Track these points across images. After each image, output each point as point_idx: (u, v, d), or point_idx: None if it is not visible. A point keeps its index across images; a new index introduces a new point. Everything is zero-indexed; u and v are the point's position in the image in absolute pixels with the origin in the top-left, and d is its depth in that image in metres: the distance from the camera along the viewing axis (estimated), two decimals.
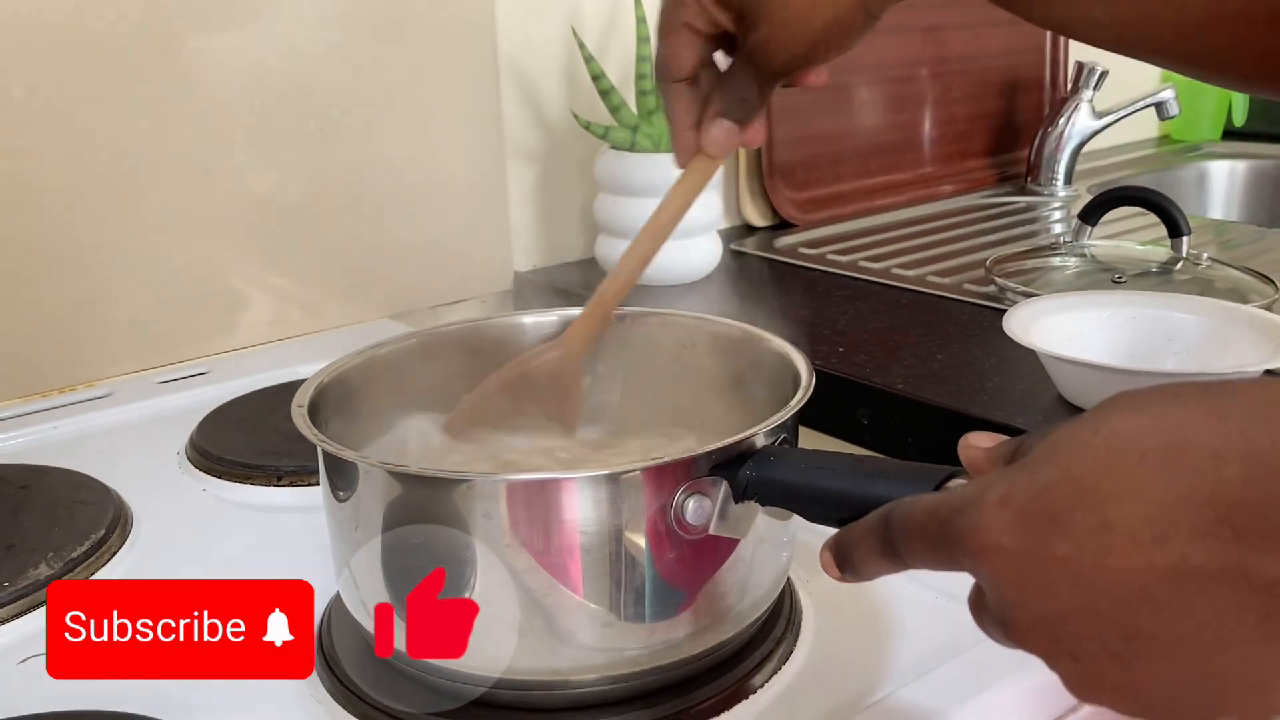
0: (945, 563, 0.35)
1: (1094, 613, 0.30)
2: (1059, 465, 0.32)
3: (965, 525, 0.33)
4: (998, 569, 0.32)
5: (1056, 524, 0.31)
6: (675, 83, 0.55)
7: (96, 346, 0.88)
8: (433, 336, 0.62)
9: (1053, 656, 0.32)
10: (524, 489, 0.45)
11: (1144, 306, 0.78)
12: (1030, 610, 0.32)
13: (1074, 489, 0.31)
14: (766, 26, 0.51)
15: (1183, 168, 1.57)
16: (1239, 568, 0.28)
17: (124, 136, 0.86)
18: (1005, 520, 0.32)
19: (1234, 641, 0.29)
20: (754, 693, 0.50)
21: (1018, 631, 0.33)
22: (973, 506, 0.33)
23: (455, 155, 1.02)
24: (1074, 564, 0.30)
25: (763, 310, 1.01)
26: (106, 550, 0.63)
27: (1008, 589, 0.32)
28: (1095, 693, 0.32)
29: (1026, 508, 0.31)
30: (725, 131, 0.54)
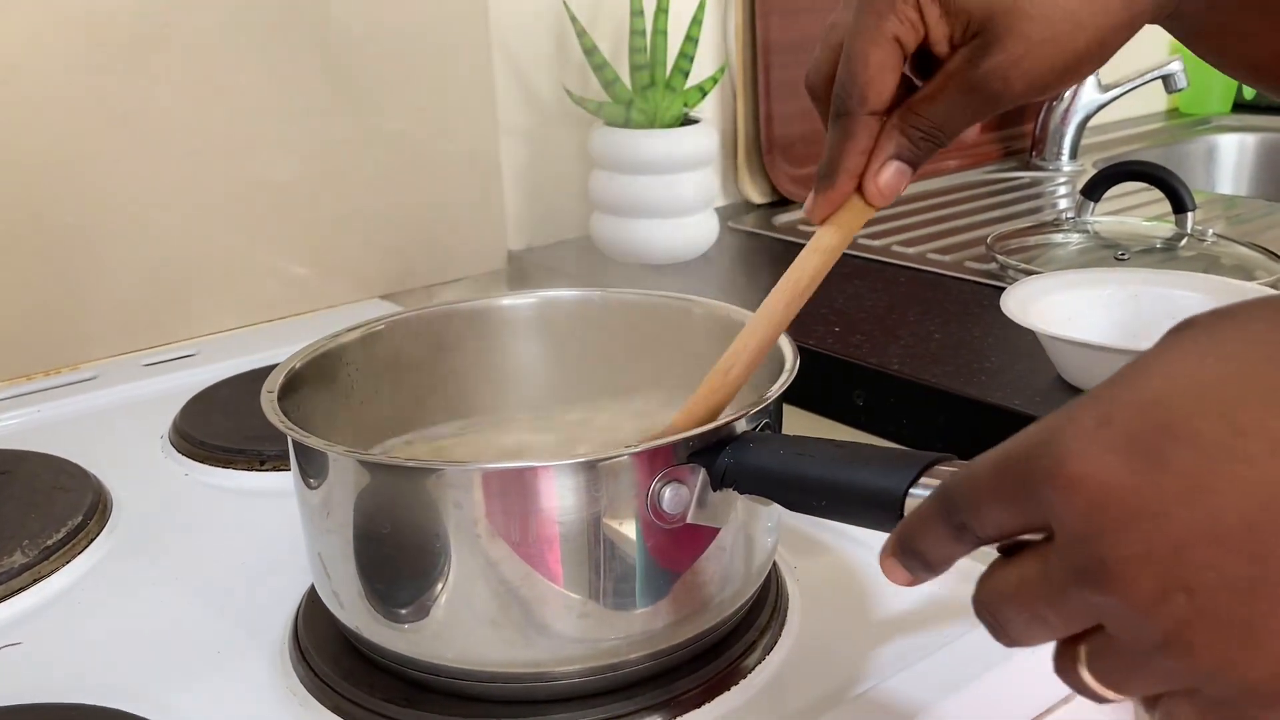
0: (1027, 512, 0.30)
1: (1219, 533, 0.26)
2: (1165, 376, 0.28)
3: (1056, 454, 0.28)
4: (1098, 496, 0.28)
5: (1174, 435, 0.27)
6: (866, 115, 0.44)
7: (82, 328, 0.87)
8: (409, 318, 0.60)
9: (1159, 597, 0.27)
10: (496, 477, 0.44)
11: (1146, 284, 0.76)
12: (1137, 541, 0.27)
13: (1190, 397, 0.27)
14: (1017, 46, 0.41)
15: (1191, 141, 1.55)
16: None
17: (108, 115, 0.84)
18: (1108, 439, 0.28)
19: None
20: (738, 682, 0.49)
21: (1113, 568, 0.28)
22: (1062, 434, 0.29)
23: (447, 133, 1.01)
24: (1198, 477, 0.27)
25: (759, 289, 0.99)
26: (84, 537, 0.62)
27: (1108, 520, 0.28)
28: (1206, 638, 0.27)
29: (1133, 424, 0.27)
30: (899, 177, 0.45)
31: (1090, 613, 0.29)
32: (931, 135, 0.45)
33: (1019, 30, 0.41)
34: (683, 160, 1.00)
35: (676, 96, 1.01)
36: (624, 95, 1.00)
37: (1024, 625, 0.31)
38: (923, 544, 0.34)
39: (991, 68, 0.42)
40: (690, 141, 1.00)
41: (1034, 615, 0.31)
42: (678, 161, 0.99)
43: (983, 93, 0.43)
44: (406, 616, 0.46)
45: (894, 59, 0.44)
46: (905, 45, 0.43)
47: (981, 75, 0.43)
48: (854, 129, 0.45)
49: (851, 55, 0.44)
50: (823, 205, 0.47)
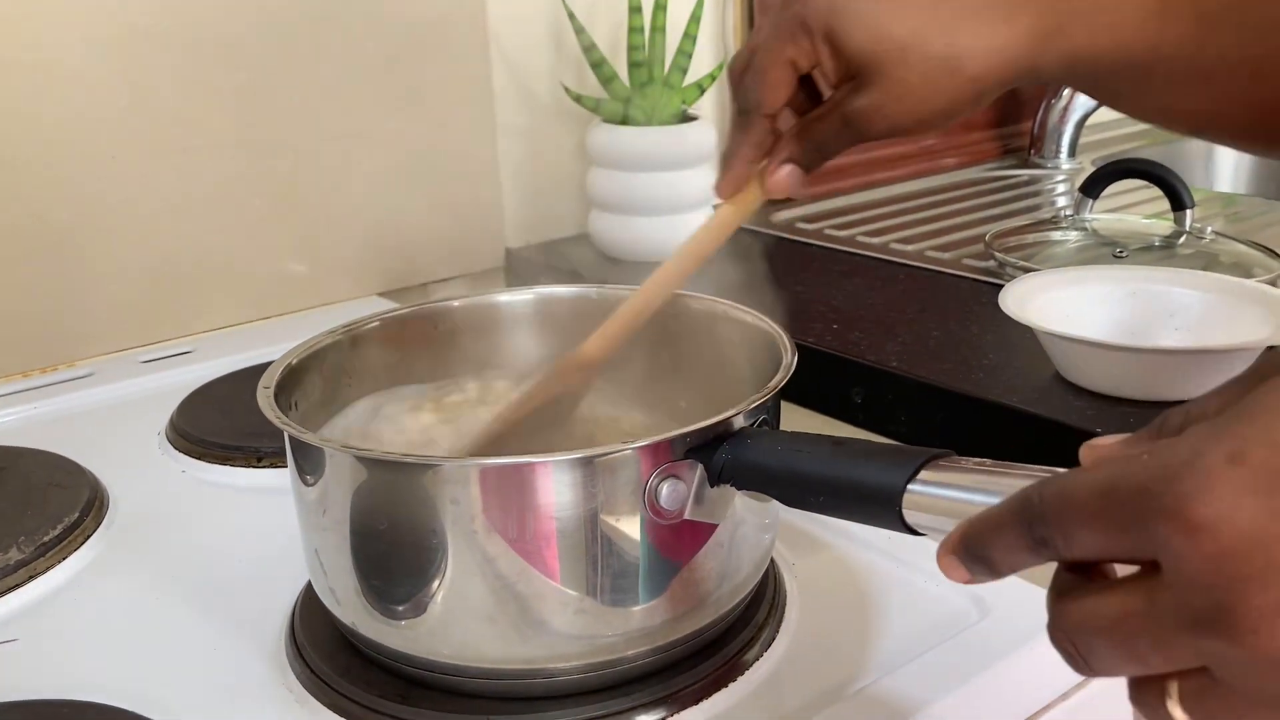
0: (1132, 545, 0.29)
1: None
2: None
3: (1181, 492, 0.27)
4: (1231, 542, 0.26)
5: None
6: (761, 116, 0.52)
7: (79, 326, 0.87)
8: (406, 315, 0.60)
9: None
10: (494, 473, 0.44)
11: (1144, 282, 0.76)
12: (1274, 591, 0.26)
13: None
14: (880, 94, 0.49)
15: (1190, 140, 1.55)
16: None
17: (103, 113, 0.84)
18: (1242, 481, 0.26)
19: None
20: (736, 679, 0.49)
21: (1243, 619, 0.26)
22: (1189, 470, 0.27)
23: (445, 130, 1.00)
24: None
25: (757, 286, 0.99)
26: (80, 533, 0.62)
27: (1242, 565, 0.26)
28: None
29: (1269, 463, 0.26)
30: (793, 178, 0.53)
31: (1202, 658, 0.28)
32: (818, 149, 0.52)
33: (882, 84, 0.49)
34: (681, 157, 0.99)
35: (674, 94, 1.01)
36: (622, 92, 1.00)
37: (1115, 660, 0.30)
38: (993, 549, 0.33)
39: (860, 106, 0.50)
40: (688, 139, 1.00)
41: (1131, 652, 0.29)
42: (676, 159, 0.99)
43: (853, 125, 0.51)
44: (403, 613, 0.46)
45: (788, 76, 0.51)
46: (799, 68, 0.51)
47: (853, 111, 0.50)
48: (749, 125, 0.53)
49: (755, 67, 0.52)
50: (725, 185, 0.54)
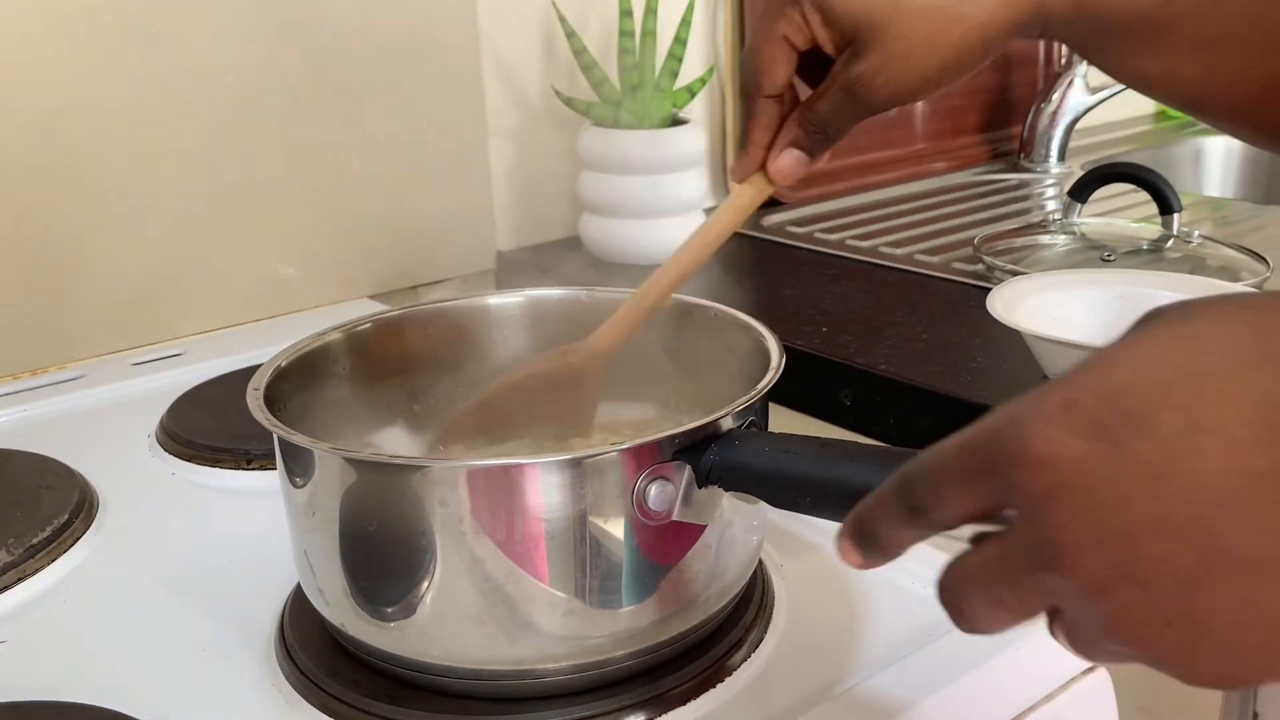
0: (988, 494, 0.30)
1: (1171, 525, 0.27)
2: (1134, 366, 0.28)
3: (1021, 435, 0.29)
4: (1058, 479, 0.28)
5: (1136, 425, 0.27)
6: (764, 98, 0.52)
7: (69, 328, 0.87)
8: (397, 318, 0.60)
9: (1112, 585, 0.28)
10: (483, 474, 0.44)
11: (1132, 285, 0.76)
12: (1092, 525, 0.28)
13: (1156, 388, 0.28)
14: (878, 56, 0.48)
15: (1179, 144, 1.55)
16: None
17: (96, 114, 0.84)
18: (1072, 424, 0.28)
19: None
20: (724, 680, 0.49)
21: (1068, 553, 0.28)
22: (1027, 417, 0.29)
23: (435, 132, 1.01)
24: (1155, 468, 0.27)
25: (747, 289, 1.00)
26: (70, 536, 0.62)
27: (1066, 502, 0.28)
28: (1158, 631, 0.28)
29: (1097, 411, 0.28)
30: (796, 162, 0.52)
31: (1045, 594, 0.30)
32: (821, 129, 0.51)
33: (881, 45, 0.48)
34: (671, 161, 1.00)
35: (665, 97, 1.01)
36: (613, 96, 1.00)
37: (983, 609, 0.32)
38: (878, 526, 0.35)
39: (859, 73, 0.48)
40: (679, 142, 1.00)
41: (992, 597, 0.31)
42: (666, 162, 1.00)
43: (855, 95, 0.49)
44: (393, 614, 0.46)
45: (784, 54, 0.50)
46: (794, 44, 0.50)
47: (853, 79, 0.49)
48: (755, 109, 0.52)
49: (751, 48, 0.51)
50: (741, 169, 0.54)
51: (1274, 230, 1.09)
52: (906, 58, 0.47)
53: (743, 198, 0.54)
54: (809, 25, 0.49)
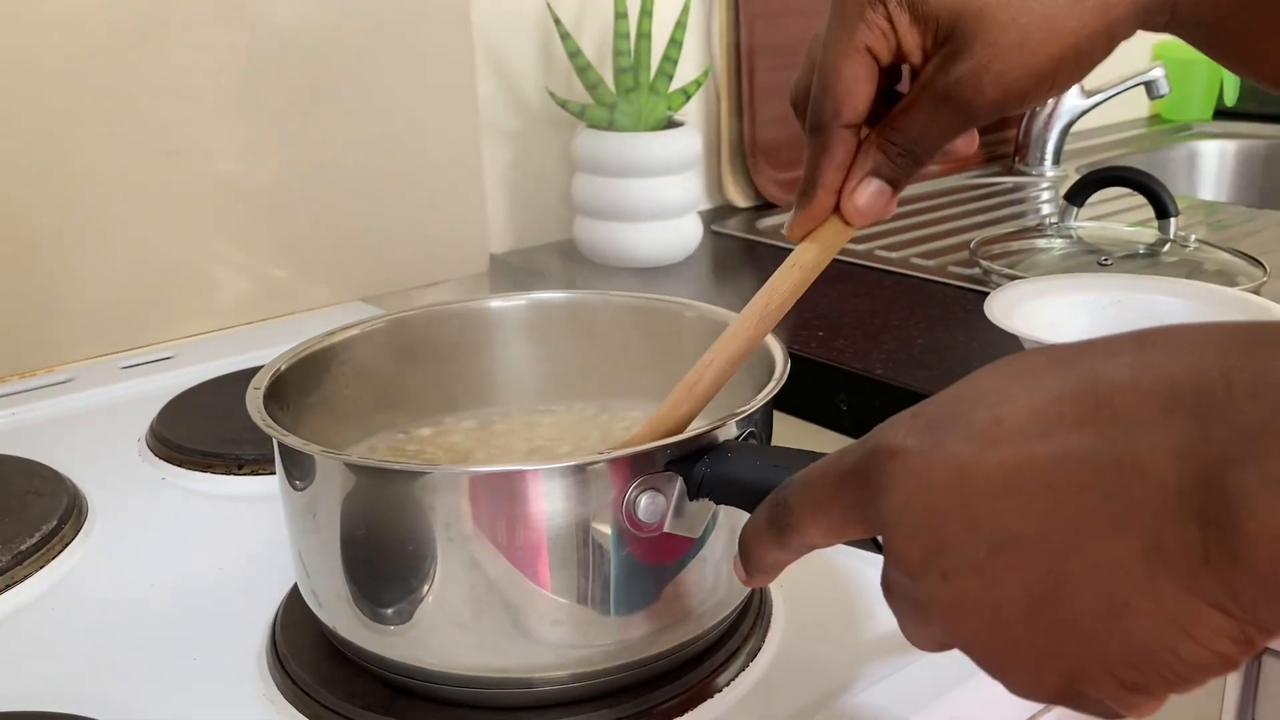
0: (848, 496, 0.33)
1: (968, 515, 0.29)
2: (973, 381, 0.31)
3: (876, 439, 0.32)
4: (897, 469, 0.31)
5: (955, 423, 0.30)
6: (841, 128, 0.43)
7: (59, 331, 0.86)
8: (398, 320, 0.60)
9: (922, 574, 0.30)
10: (482, 481, 0.43)
11: (1129, 290, 0.76)
12: (914, 514, 0.30)
13: (979, 393, 0.30)
14: (985, 51, 0.40)
15: (1173, 148, 1.55)
16: (1110, 450, 0.27)
17: (85, 114, 0.83)
18: (913, 426, 0.31)
19: (1093, 537, 0.27)
20: (720, 691, 0.48)
21: (898, 541, 0.31)
22: (885, 428, 0.32)
23: (429, 134, 1.00)
24: (960, 459, 0.29)
25: (743, 293, 0.99)
26: (59, 541, 0.61)
27: (898, 490, 0.30)
28: (956, 623, 0.30)
29: (933, 415, 0.31)
30: (880, 196, 0.44)
31: (904, 593, 0.32)
32: (909, 151, 0.43)
33: (987, 35, 0.40)
34: (666, 163, 0.99)
35: (660, 99, 1.00)
36: (607, 98, 1.00)
37: (898, 619, 0.34)
38: (754, 546, 0.37)
39: (962, 74, 0.41)
40: (674, 144, 1.00)
41: (893, 606, 0.33)
42: (661, 164, 0.99)
43: (955, 102, 0.41)
44: (390, 619, 0.46)
45: (867, 70, 0.42)
46: (878, 55, 0.42)
47: (953, 83, 0.41)
48: (829, 143, 0.43)
49: (824, 68, 0.43)
50: (801, 222, 0.46)
51: (1269, 234, 1.08)
52: (1020, 48, 0.40)
53: (810, 255, 0.46)
54: (895, 29, 0.41)
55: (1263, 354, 0.25)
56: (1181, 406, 0.26)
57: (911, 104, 0.43)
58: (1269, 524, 0.24)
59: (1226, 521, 0.25)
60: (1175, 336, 0.28)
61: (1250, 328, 0.27)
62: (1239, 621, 0.26)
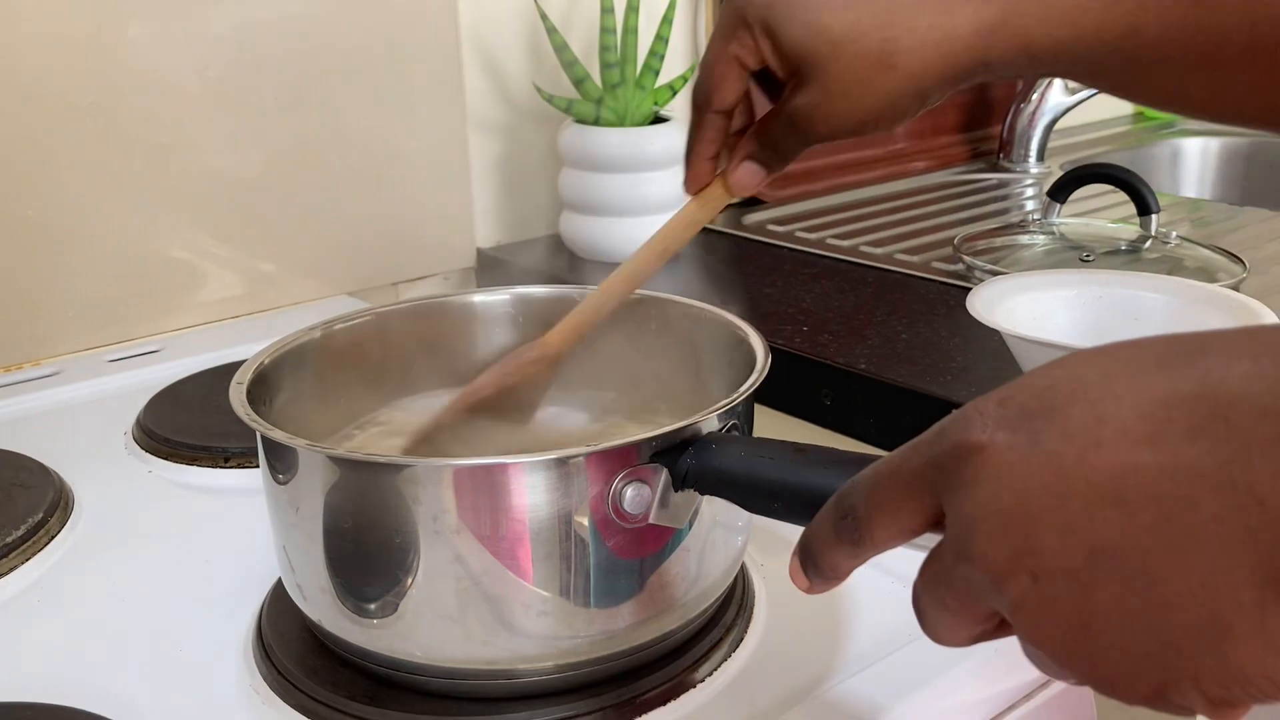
0: (923, 494, 0.31)
1: (1065, 518, 0.27)
2: (1066, 369, 0.29)
3: (957, 430, 0.30)
4: (983, 465, 0.29)
5: (1052, 417, 0.28)
6: (712, 113, 0.52)
7: (45, 324, 0.86)
8: (383, 314, 0.60)
9: (1009, 575, 0.28)
10: (466, 474, 0.44)
11: (1110, 285, 0.77)
12: (1003, 513, 0.28)
13: (1078, 386, 0.28)
14: (818, 93, 0.48)
15: (1156, 145, 1.56)
16: (1224, 469, 0.25)
17: (70, 108, 0.83)
18: (1001, 416, 0.29)
19: (1199, 556, 0.26)
20: (701, 682, 0.49)
21: (979, 540, 0.29)
22: (966, 412, 0.30)
23: (416, 129, 1.00)
24: (1058, 458, 0.28)
25: (728, 288, 1.00)
26: (45, 534, 0.61)
27: (984, 487, 0.29)
28: (1044, 628, 0.28)
29: (1025, 404, 0.29)
30: (753, 175, 0.53)
31: (971, 592, 0.30)
32: (774, 149, 0.52)
33: (820, 82, 0.48)
34: (652, 159, 1.00)
35: (646, 95, 1.01)
36: (594, 93, 1.00)
37: (934, 613, 0.32)
38: (818, 548, 0.35)
39: (800, 105, 0.49)
40: (660, 140, 1.00)
41: (937, 600, 0.31)
42: (647, 160, 0.99)
43: (796, 126, 0.50)
44: (374, 612, 0.46)
45: (735, 73, 0.51)
46: (746, 64, 0.50)
47: (794, 110, 0.49)
48: (703, 123, 0.52)
49: (704, 64, 0.52)
50: (689, 182, 0.54)
51: (1250, 231, 1.09)
52: (842, 98, 0.48)
53: (693, 211, 0.55)
54: (760, 49, 0.49)
55: None
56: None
57: (773, 115, 0.51)
58: None
59: None
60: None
61: None
62: None
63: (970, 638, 0.32)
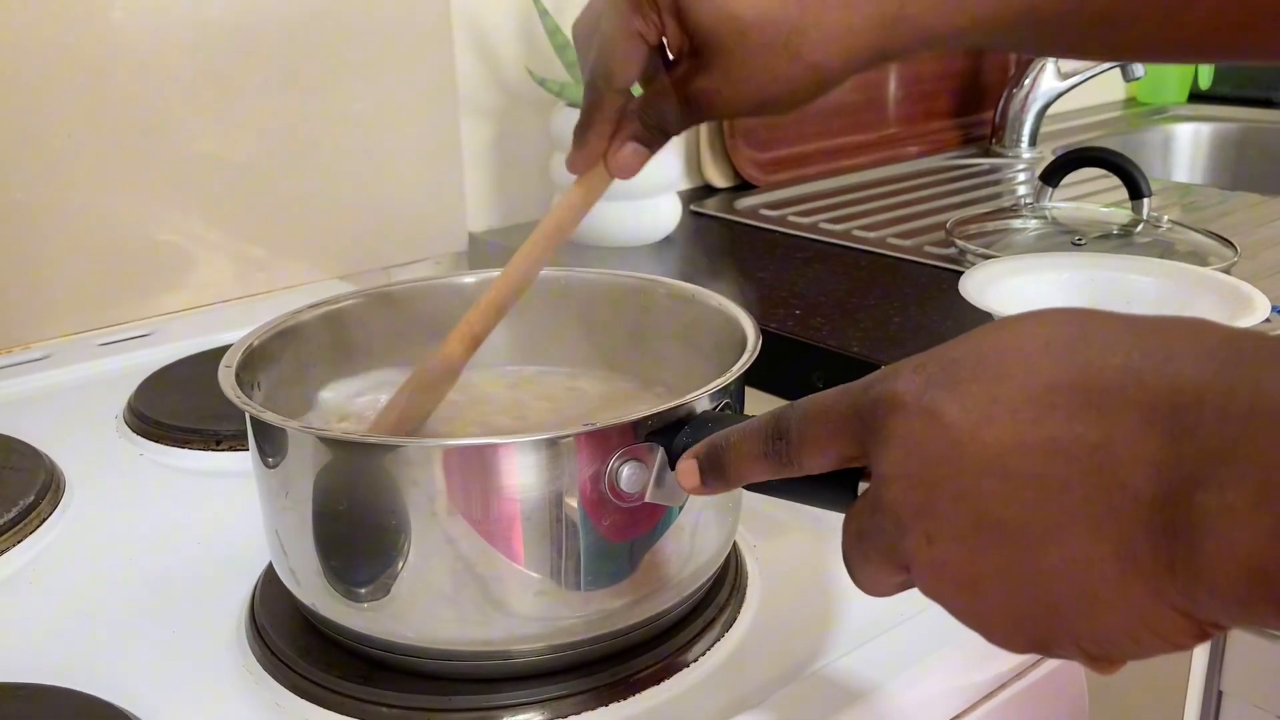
0: (849, 436, 0.34)
1: (957, 488, 0.30)
2: (972, 341, 0.32)
3: (880, 387, 0.33)
4: (896, 425, 0.32)
5: (954, 390, 0.31)
6: (612, 91, 0.51)
7: (35, 308, 0.85)
8: (370, 297, 0.60)
9: (907, 532, 0.32)
10: (457, 454, 0.44)
11: (1102, 269, 0.77)
12: (907, 474, 0.32)
13: (978, 362, 0.31)
14: (720, 75, 0.48)
15: (1148, 130, 1.57)
16: (1096, 450, 0.28)
17: (60, 90, 0.83)
18: (916, 380, 0.32)
19: (1072, 534, 0.28)
20: (694, 662, 0.49)
21: (889, 496, 0.32)
22: (890, 370, 0.33)
23: (407, 112, 1.00)
24: (956, 430, 0.30)
25: (721, 272, 1.00)
26: (36, 517, 0.61)
27: (895, 448, 0.32)
28: (936, 583, 0.32)
29: (935, 373, 0.32)
30: (636, 157, 0.52)
31: (886, 541, 0.33)
32: (660, 126, 0.51)
33: (723, 66, 0.48)
34: None
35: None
36: None
37: (858, 562, 0.35)
38: (732, 455, 0.39)
39: (700, 87, 0.49)
40: None
41: (860, 550, 0.35)
42: None
43: (694, 105, 0.50)
44: (366, 595, 0.46)
45: (638, 50, 0.49)
46: (648, 39, 0.49)
47: (695, 90, 0.49)
48: (601, 101, 0.51)
49: (605, 41, 0.49)
50: (578, 161, 0.53)
51: (1241, 215, 1.10)
52: (744, 82, 0.48)
53: (576, 196, 0.54)
54: (663, 27, 0.49)
55: (1236, 374, 0.27)
56: (1159, 419, 0.27)
57: (665, 91, 0.50)
58: (1226, 547, 0.26)
59: (1190, 540, 0.26)
60: (1167, 342, 0.29)
61: (1233, 341, 0.28)
62: (1198, 622, 0.28)
63: (894, 586, 0.35)
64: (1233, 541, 0.25)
